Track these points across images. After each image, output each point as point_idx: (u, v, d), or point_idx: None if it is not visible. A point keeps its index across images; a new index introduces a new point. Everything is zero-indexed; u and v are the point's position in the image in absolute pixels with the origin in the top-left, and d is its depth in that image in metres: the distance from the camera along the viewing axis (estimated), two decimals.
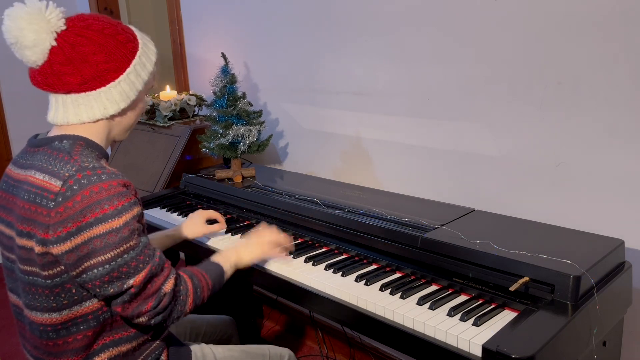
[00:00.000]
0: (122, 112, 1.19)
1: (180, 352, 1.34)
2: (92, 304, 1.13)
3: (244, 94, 2.08)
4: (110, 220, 1.05)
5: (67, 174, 1.07)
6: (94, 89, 1.13)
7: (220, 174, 2.07)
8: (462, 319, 1.18)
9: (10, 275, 1.21)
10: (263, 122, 2.10)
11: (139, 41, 1.20)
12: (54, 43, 1.09)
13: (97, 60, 1.11)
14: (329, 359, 2.38)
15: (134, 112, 1.23)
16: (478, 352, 1.07)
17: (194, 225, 1.68)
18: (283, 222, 1.76)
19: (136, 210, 1.10)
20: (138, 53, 1.18)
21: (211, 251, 1.67)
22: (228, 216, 1.93)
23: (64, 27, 1.11)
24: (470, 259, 1.30)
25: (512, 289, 1.18)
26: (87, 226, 1.04)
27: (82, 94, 1.13)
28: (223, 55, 2.07)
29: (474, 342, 1.09)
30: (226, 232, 1.76)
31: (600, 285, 1.22)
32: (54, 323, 1.13)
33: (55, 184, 1.06)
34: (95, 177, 1.06)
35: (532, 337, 1.04)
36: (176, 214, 1.97)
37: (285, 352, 1.52)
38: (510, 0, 1.57)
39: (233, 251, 1.42)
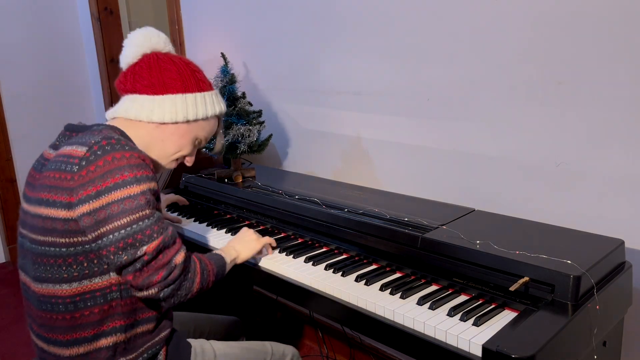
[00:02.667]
0: (163, 125, 1.28)
1: (179, 347, 1.34)
2: (101, 281, 1.17)
3: (243, 94, 2.08)
4: (128, 187, 1.10)
5: (93, 141, 1.14)
6: (153, 94, 1.26)
7: (220, 174, 2.07)
8: (462, 319, 1.18)
9: (20, 250, 1.25)
10: (263, 122, 2.10)
11: (213, 91, 1.35)
12: (148, 52, 1.29)
13: (169, 75, 1.28)
14: (329, 359, 2.37)
15: (178, 140, 1.31)
16: (478, 352, 1.07)
17: None
18: (283, 222, 1.76)
19: (153, 184, 1.16)
20: (204, 93, 1.32)
21: (207, 250, 1.68)
22: (228, 216, 1.93)
23: (163, 49, 1.32)
24: (470, 259, 1.30)
25: (512, 289, 1.18)
26: (106, 190, 1.09)
27: (141, 95, 1.27)
28: (223, 55, 2.07)
29: (474, 342, 1.09)
30: (226, 232, 1.77)
31: (600, 285, 1.22)
32: (64, 296, 1.16)
33: (81, 150, 1.13)
34: (119, 146, 1.13)
35: (532, 337, 1.04)
36: (176, 214, 1.97)
37: (289, 349, 1.52)
38: (510, 1, 1.57)
39: (231, 248, 1.47)
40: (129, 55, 1.29)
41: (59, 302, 1.17)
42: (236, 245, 1.48)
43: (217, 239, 1.72)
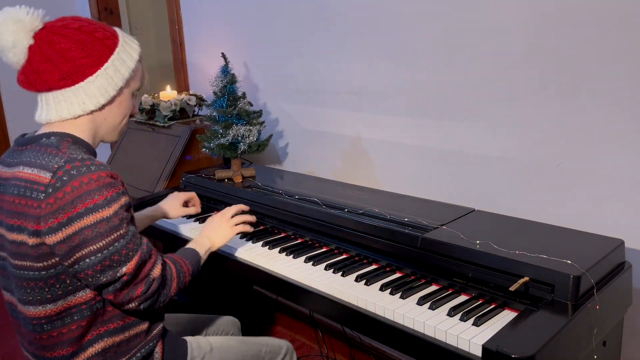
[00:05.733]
0: (102, 108, 1.20)
1: (175, 344, 1.35)
2: (85, 294, 1.15)
3: (244, 94, 2.08)
4: (100, 210, 1.07)
5: (56, 166, 1.08)
6: (73, 85, 1.15)
7: (220, 174, 2.07)
8: (462, 319, 1.18)
9: (3, 273, 1.22)
10: (263, 122, 2.10)
11: (119, 39, 1.21)
12: (32, 42, 1.14)
13: (74, 56, 1.14)
14: (329, 359, 2.37)
15: (119, 109, 1.23)
16: (478, 352, 1.07)
17: (172, 207, 1.74)
18: (283, 222, 1.76)
19: (124, 200, 1.12)
20: (117, 49, 1.19)
21: (177, 238, 1.70)
22: None
23: (40, 27, 1.15)
24: (470, 259, 1.30)
25: (512, 289, 1.18)
26: (77, 216, 1.06)
27: (62, 90, 1.16)
28: (223, 55, 2.07)
29: (474, 342, 1.09)
30: None
31: (600, 285, 1.22)
32: (49, 314, 1.14)
33: (45, 176, 1.08)
34: (85, 168, 1.08)
35: (532, 337, 1.04)
36: None
37: (284, 343, 1.53)
38: (510, 0, 1.57)
39: (205, 238, 1.47)
40: (13, 59, 1.15)
41: (42, 322, 1.15)
42: (210, 234, 1.48)
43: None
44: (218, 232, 1.50)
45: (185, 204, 1.80)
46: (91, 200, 1.06)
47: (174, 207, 1.75)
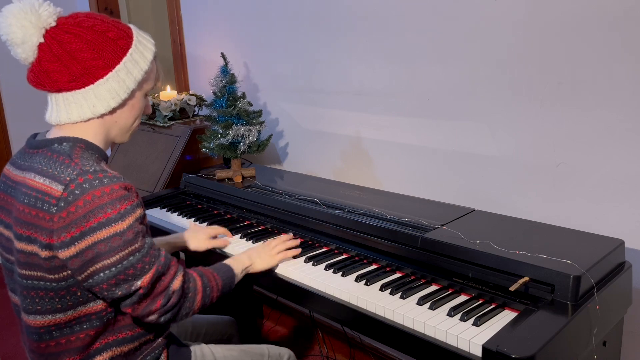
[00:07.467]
0: (113, 111, 1.16)
1: (180, 352, 1.34)
2: (96, 305, 1.14)
3: (243, 94, 2.08)
4: (113, 224, 1.04)
5: (68, 178, 1.05)
6: (83, 87, 1.11)
7: (220, 174, 2.07)
8: (462, 319, 1.18)
9: (10, 275, 1.20)
10: (263, 122, 2.10)
11: (134, 38, 1.17)
12: (42, 40, 1.09)
13: (84, 57, 1.10)
14: (329, 359, 2.37)
15: (130, 112, 1.20)
16: (478, 352, 1.07)
17: (197, 239, 1.64)
18: (283, 222, 1.76)
19: (139, 212, 1.09)
20: (130, 50, 1.15)
21: (213, 253, 1.68)
22: (228, 216, 1.93)
23: (53, 24, 1.10)
24: (470, 259, 1.30)
25: (512, 289, 1.18)
26: (90, 231, 1.03)
27: (72, 92, 1.12)
28: (222, 55, 2.07)
29: (474, 342, 1.09)
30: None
31: (600, 285, 1.22)
32: (58, 322, 1.13)
33: (57, 188, 1.05)
34: (97, 182, 1.05)
35: (532, 337, 1.05)
36: (176, 214, 1.97)
37: (285, 351, 1.52)
38: (511, 0, 1.57)
39: (245, 256, 1.43)
40: (22, 55, 1.10)
41: (52, 329, 1.13)
42: (252, 254, 1.44)
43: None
44: (261, 256, 1.45)
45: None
46: (104, 214, 1.03)
47: (201, 239, 1.63)
